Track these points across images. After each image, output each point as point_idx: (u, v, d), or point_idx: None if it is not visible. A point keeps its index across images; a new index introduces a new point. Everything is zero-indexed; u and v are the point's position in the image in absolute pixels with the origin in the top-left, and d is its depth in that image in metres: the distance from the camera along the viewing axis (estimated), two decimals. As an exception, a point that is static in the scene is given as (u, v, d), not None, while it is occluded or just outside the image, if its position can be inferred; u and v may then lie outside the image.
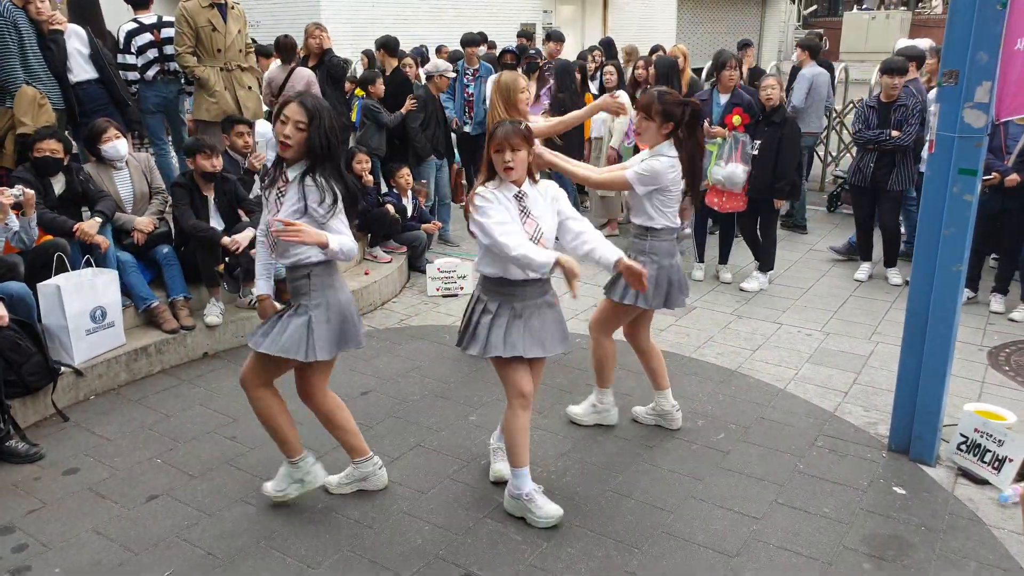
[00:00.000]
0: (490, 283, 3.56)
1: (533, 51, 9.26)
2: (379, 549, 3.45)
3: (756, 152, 6.59)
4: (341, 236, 3.42)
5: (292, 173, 3.39)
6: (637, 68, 8.46)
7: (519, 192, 3.43)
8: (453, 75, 8.44)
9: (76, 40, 6.04)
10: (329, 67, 7.75)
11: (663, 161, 4.01)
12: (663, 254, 4.16)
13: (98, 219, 5.07)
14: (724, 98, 6.66)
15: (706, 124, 6.68)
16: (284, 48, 7.62)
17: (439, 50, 11.16)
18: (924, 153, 6.08)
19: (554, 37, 9.29)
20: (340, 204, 3.39)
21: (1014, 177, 5.97)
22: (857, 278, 7.13)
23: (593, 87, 8.89)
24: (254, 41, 7.41)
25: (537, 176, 3.53)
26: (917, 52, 7.90)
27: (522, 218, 3.41)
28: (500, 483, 3.83)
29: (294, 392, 3.75)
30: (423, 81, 8.36)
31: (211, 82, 6.26)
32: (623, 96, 6.74)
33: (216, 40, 6.23)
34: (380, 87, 7.83)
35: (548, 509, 3.57)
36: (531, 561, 3.37)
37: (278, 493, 3.74)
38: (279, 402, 3.68)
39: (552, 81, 8.13)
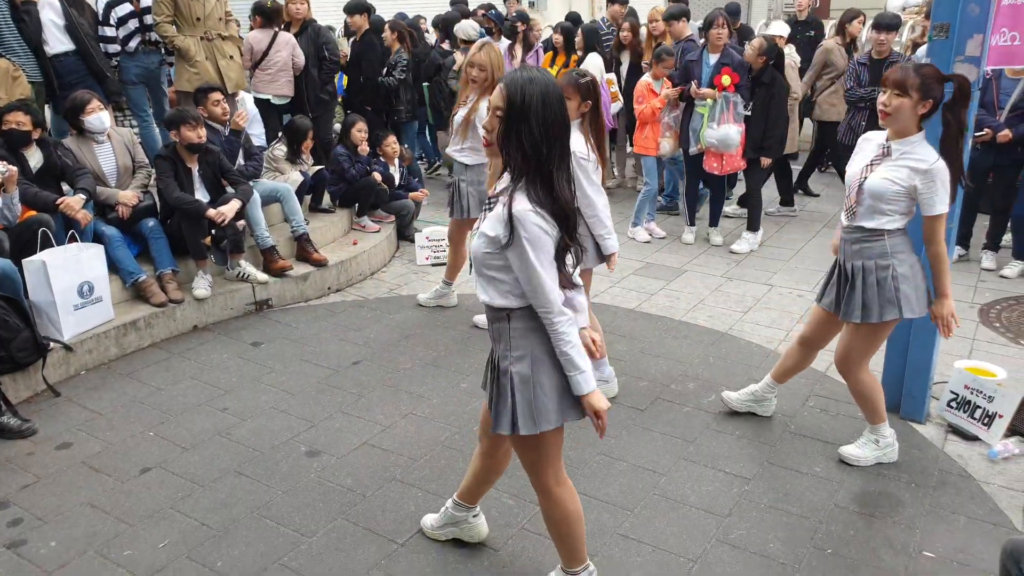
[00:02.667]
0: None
1: (514, 15, 9.11)
2: (373, 517, 3.46)
3: (749, 112, 6.56)
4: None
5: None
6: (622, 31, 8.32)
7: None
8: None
9: (50, 11, 5.92)
10: (322, 42, 7.65)
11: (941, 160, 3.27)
12: (909, 249, 3.46)
13: (82, 196, 5.01)
14: (714, 58, 6.59)
15: (694, 86, 6.63)
16: (268, 13, 7.48)
17: (474, 12, 10.78)
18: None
19: None
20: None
21: (1006, 133, 5.94)
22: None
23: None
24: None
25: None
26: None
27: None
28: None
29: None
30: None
31: (191, 52, 6.16)
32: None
33: (195, 9, 6.12)
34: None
35: None
36: (523, 524, 3.38)
37: None
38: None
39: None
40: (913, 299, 3.42)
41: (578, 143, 3.71)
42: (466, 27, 8.17)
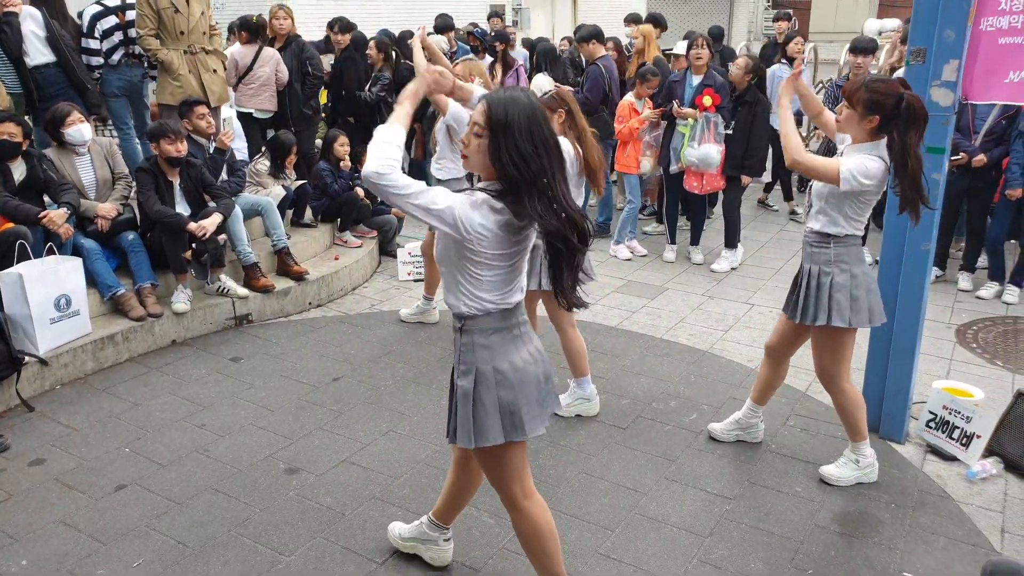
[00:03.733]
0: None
1: (493, 34, 9.17)
2: (352, 535, 3.43)
3: (731, 131, 6.63)
4: None
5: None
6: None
7: None
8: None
9: (32, 23, 5.87)
10: (305, 57, 7.66)
11: (880, 164, 3.34)
12: (853, 261, 3.53)
13: (66, 210, 4.96)
14: (697, 79, 6.66)
15: (675, 105, 6.69)
16: (253, 28, 7.47)
17: (458, 30, 10.66)
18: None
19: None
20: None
21: (981, 158, 6.03)
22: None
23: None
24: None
25: None
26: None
27: None
28: None
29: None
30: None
31: (175, 65, 6.13)
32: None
33: (179, 22, 6.09)
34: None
35: None
36: (504, 544, 3.36)
37: None
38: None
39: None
40: (846, 308, 3.50)
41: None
42: (436, 42, 8.21)
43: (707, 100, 6.52)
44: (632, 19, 9.71)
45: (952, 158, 5.88)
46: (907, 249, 3.91)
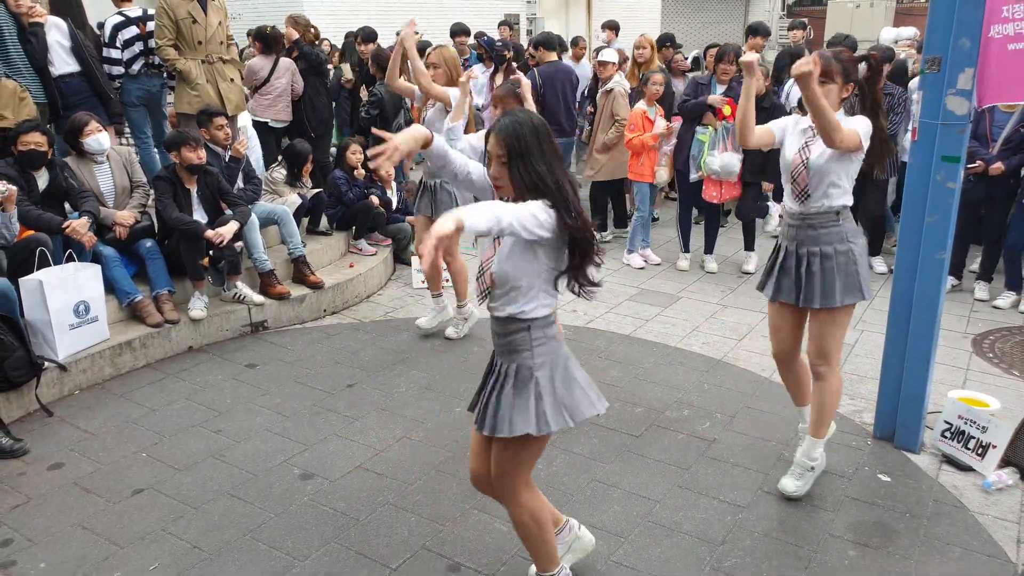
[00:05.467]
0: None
1: (499, 43, 9.22)
2: (366, 541, 3.45)
3: None
4: None
5: None
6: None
7: None
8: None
9: (57, 33, 5.97)
10: (307, 57, 7.74)
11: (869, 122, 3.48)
12: (855, 232, 3.66)
13: (88, 219, 5.02)
14: (721, 89, 6.67)
15: (709, 99, 6.72)
16: (267, 39, 7.56)
17: (479, 34, 10.73)
18: (906, 142, 6.10)
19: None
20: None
21: (998, 166, 5.99)
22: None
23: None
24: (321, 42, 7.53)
25: None
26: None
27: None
28: None
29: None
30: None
31: (193, 75, 6.21)
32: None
33: (196, 32, 6.17)
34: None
35: None
36: (517, 551, 3.37)
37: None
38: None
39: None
40: (867, 279, 3.61)
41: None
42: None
43: (727, 109, 6.55)
44: (609, 26, 9.90)
45: (969, 166, 5.87)
46: (922, 258, 3.90)
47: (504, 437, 2.67)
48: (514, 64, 8.59)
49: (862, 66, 3.53)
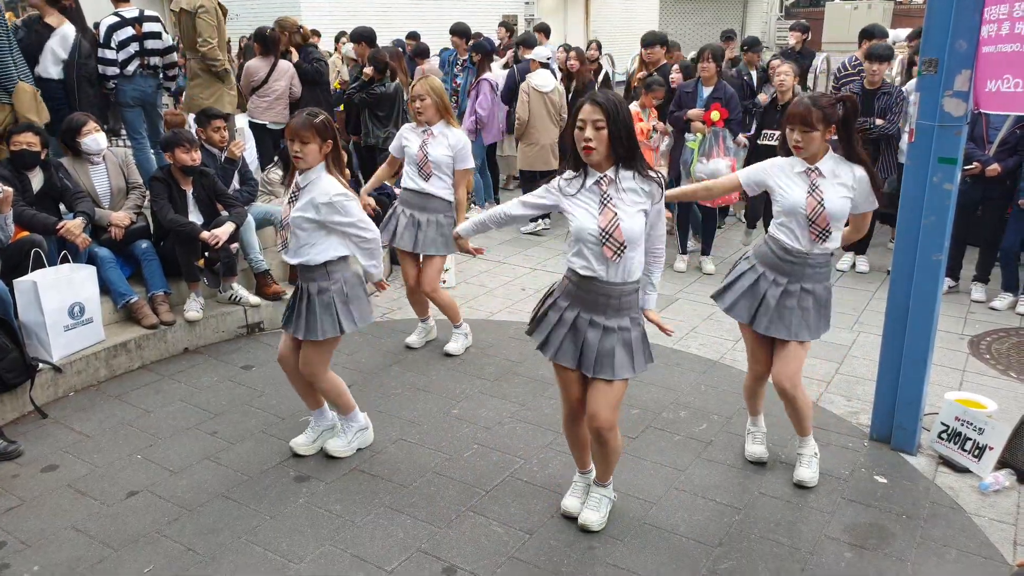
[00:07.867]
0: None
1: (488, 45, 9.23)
2: (361, 543, 3.44)
3: (775, 142, 6.66)
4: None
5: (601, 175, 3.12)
6: (570, 60, 8.41)
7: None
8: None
9: (58, 42, 5.95)
10: (305, 74, 7.74)
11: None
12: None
13: (82, 220, 5.01)
14: (707, 91, 6.65)
15: (688, 113, 6.71)
16: (268, 40, 7.54)
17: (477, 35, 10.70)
18: (903, 143, 6.10)
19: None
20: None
21: (995, 167, 5.99)
22: (839, 268, 7.15)
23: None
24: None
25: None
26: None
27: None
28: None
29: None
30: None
31: (231, 75, 6.27)
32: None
33: (223, 33, 6.23)
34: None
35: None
36: (513, 553, 3.36)
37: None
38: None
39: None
40: (831, 315, 3.80)
41: (333, 184, 3.82)
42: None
43: (715, 115, 6.53)
44: (539, 29, 10.27)
45: (966, 167, 5.86)
46: (919, 259, 3.89)
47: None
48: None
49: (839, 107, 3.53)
